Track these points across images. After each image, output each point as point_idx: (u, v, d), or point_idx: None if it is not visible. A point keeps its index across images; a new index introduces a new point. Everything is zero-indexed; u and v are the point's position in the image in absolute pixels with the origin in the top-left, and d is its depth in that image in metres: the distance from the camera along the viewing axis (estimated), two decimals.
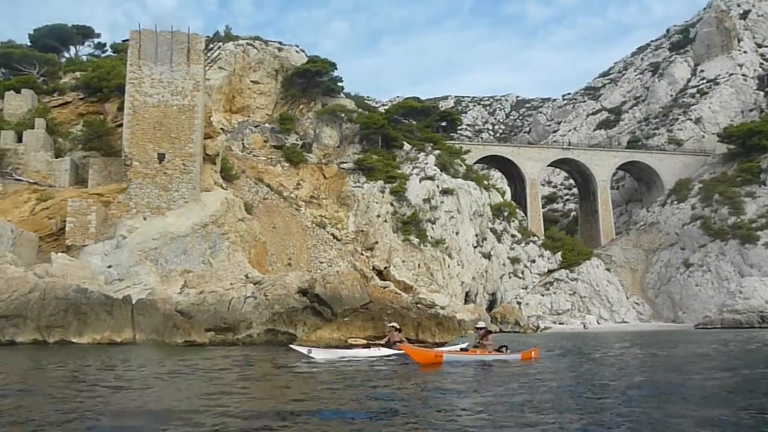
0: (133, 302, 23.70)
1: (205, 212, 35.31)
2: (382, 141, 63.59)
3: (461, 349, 15.67)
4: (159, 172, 35.65)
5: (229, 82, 61.27)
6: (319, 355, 15.10)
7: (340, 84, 66.45)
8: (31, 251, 31.22)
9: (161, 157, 35.75)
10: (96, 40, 62.00)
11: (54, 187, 36.32)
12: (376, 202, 57.35)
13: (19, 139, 37.47)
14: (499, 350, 15.42)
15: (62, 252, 29.38)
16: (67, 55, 57.88)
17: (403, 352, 14.79)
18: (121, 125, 37.39)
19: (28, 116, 39.66)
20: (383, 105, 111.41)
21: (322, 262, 45.51)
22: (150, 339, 20.13)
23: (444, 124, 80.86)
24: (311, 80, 63.39)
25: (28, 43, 54.19)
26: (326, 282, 24.37)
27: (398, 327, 17.15)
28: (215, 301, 25.03)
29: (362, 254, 53.07)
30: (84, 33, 60.06)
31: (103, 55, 58.78)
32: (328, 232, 51.62)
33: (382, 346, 16.61)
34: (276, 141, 59.89)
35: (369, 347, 16.70)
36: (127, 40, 38.70)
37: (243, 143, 58.21)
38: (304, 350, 15.40)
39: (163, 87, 36.48)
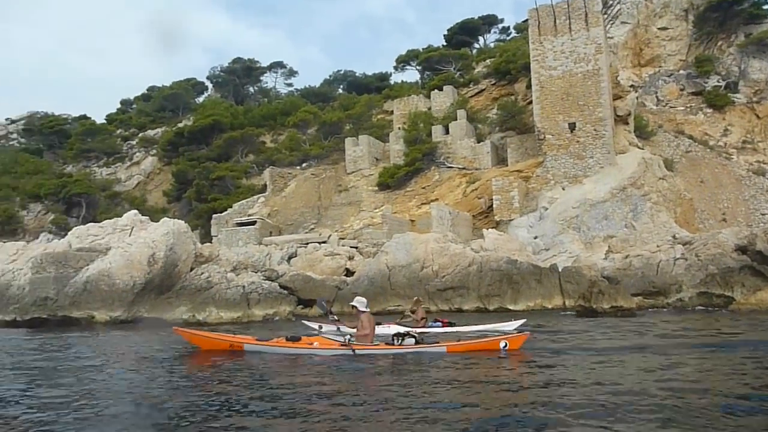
0: (560, 270, 24.60)
1: (622, 175, 34.50)
2: None
3: (289, 338, 10.63)
4: (571, 141, 36.11)
5: (634, 35, 58.22)
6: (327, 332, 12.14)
7: (765, 7, 57.34)
8: (467, 229, 34.98)
9: (572, 127, 36.14)
10: (500, 26, 65.59)
11: (479, 169, 39.97)
12: None
13: (447, 131, 42.36)
14: (390, 343, 10.60)
15: (492, 228, 32.08)
16: (477, 46, 62.61)
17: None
18: (530, 102, 39.03)
19: (450, 110, 44.44)
20: None
21: (764, 214, 40.14)
22: (577, 305, 20.60)
23: None
24: (728, 11, 55.97)
25: (443, 44, 60.26)
26: None
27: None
28: (642, 265, 24.42)
29: None
30: (489, 22, 64.05)
31: (508, 38, 61.85)
32: None
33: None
34: (694, 87, 54.69)
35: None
36: (527, 19, 40.07)
37: (657, 96, 54.77)
38: (315, 326, 13.07)
39: (566, 57, 36.78)
